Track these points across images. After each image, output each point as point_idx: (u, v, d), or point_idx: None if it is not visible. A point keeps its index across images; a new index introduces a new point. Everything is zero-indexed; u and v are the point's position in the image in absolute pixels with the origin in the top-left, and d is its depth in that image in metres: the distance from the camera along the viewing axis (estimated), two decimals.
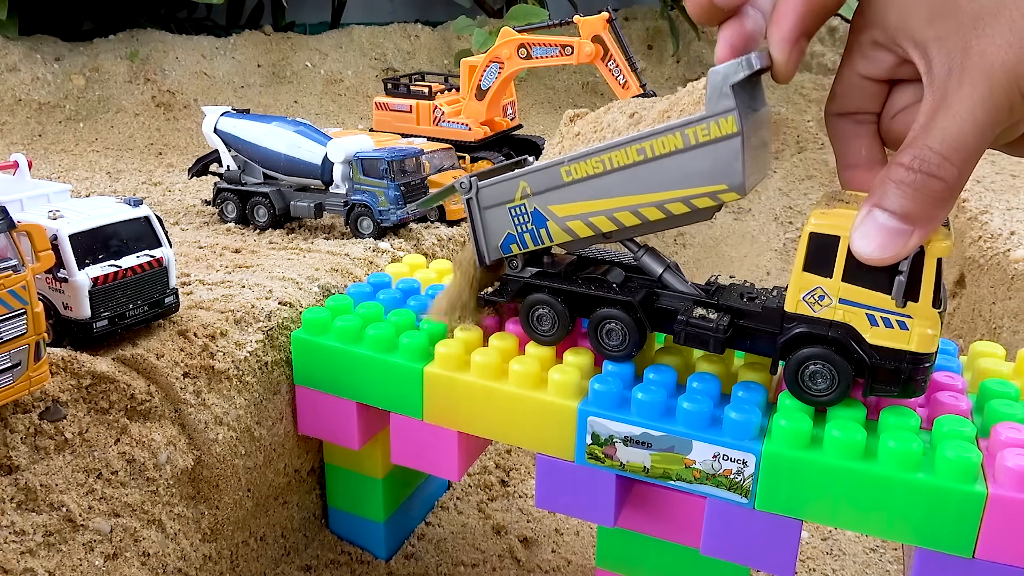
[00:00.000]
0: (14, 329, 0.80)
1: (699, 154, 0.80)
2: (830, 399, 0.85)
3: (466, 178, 0.95)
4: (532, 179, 0.91)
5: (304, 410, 1.14)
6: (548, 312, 0.96)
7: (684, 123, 0.80)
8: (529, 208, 0.93)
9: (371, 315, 1.10)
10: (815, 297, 0.83)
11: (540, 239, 0.93)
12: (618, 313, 0.92)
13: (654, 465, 0.90)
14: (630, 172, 0.85)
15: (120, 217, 0.97)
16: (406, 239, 1.47)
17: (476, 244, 0.97)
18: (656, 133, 0.82)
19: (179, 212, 1.65)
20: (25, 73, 2.46)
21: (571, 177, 0.89)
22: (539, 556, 1.28)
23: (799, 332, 0.84)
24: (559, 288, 0.95)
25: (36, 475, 0.85)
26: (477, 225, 0.96)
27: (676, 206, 0.84)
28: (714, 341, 0.87)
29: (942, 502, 0.78)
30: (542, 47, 1.71)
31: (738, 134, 0.78)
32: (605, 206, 0.88)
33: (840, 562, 1.28)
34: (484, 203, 0.95)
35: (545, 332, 0.98)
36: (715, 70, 0.76)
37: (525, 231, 0.94)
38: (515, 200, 0.93)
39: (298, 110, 2.80)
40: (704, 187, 0.82)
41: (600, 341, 0.94)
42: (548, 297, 0.96)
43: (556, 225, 0.92)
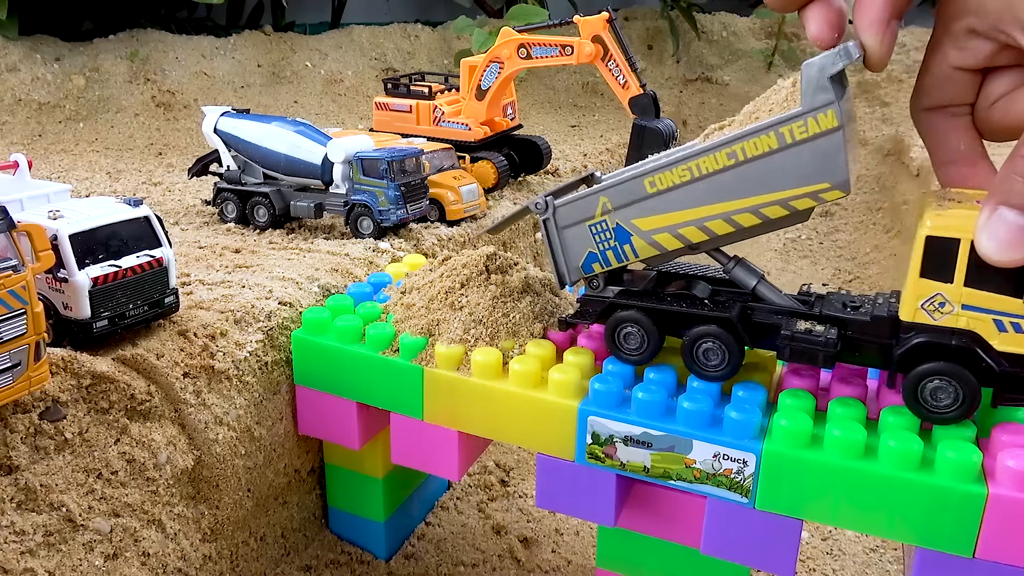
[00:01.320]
0: (14, 329, 0.80)
1: (797, 152, 0.77)
2: (953, 416, 0.79)
3: (541, 198, 0.91)
4: (613, 193, 0.88)
5: (304, 410, 1.14)
6: (636, 331, 0.92)
7: (778, 121, 0.77)
8: (611, 224, 0.89)
9: (371, 315, 1.10)
10: (935, 304, 0.77)
11: (624, 256, 0.90)
12: (715, 331, 0.87)
13: (654, 465, 0.90)
14: (721, 178, 0.81)
15: (120, 217, 0.97)
16: (406, 239, 1.47)
17: (555, 265, 0.94)
18: (748, 134, 0.79)
19: (179, 212, 1.65)
20: (25, 73, 2.46)
21: (655, 188, 0.85)
22: (539, 556, 1.28)
23: (919, 342, 0.78)
24: (650, 307, 0.91)
25: (36, 475, 0.85)
26: (555, 245, 0.93)
27: (774, 210, 0.81)
28: (824, 356, 0.82)
29: (942, 502, 0.78)
30: (542, 47, 1.71)
31: (839, 128, 0.75)
32: (695, 216, 0.84)
33: (840, 562, 1.28)
34: (562, 222, 0.92)
35: (634, 351, 0.93)
36: (810, 63, 0.73)
37: (608, 248, 0.90)
38: (595, 217, 0.89)
39: (298, 110, 2.80)
40: (805, 187, 0.78)
41: (697, 361, 0.89)
42: (636, 315, 0.91)
43: (641, 240, 0.88)
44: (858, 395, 0.90)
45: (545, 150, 1.96)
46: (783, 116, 0.77)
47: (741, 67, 3.34)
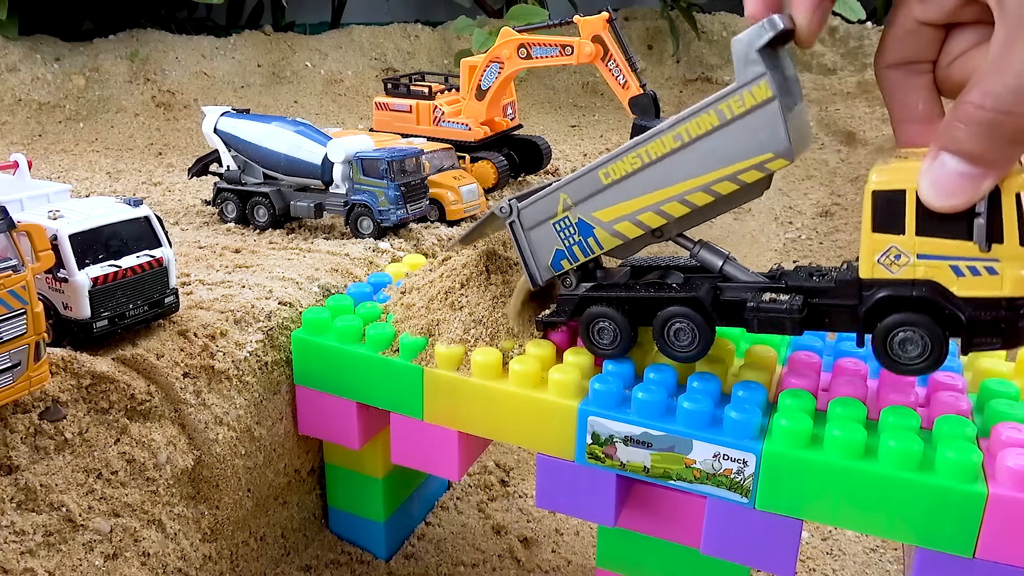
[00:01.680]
0: (14, 329, 0.80)
1: (738, 127, 0.79)
2: (924, 366, 0.79)
3: (505, 202, 0.93)
4: (571, 189, 0.89)
5: (304, 410, 1.14)
6: (608, 325, 0.93)
7: (716, 99, 0.79)
8: (573, 219, 0.91)
9: (371, 315, 1.10)
10: (891, 257, 0.78)
11: (590, 249, 0.91)
12: (684, 311, 0.88)
13: (654, 465, 0.90)
14: (670, 160, 0.83)
15: (120, 217, 0.97)
16: (406, 239, 1.47)
17: (526, 267, 0.95)
18: (689, 115, 0.80)
19: (179, 212, 1.65)
20: (25, 73, 2.46)
21: (610, 179, 0.87)
22: (539, 556, 1.28)
23: (881, 297, 0.79)
24: (618, 297, 0.92)
25: (36, 475, 0.85)
26: (524, 247, 0.94)
27: (724, 185, 0.82)
28: (790, 323, 0.83)
29: (942, 502, 0.78)
30: (542, 47, 1.71)
31: (773, 98, 0.76)
32: (651, 201, 0.86)
33: (840, 562, 1.28)
34: (527, 224, 0.93)
35: (607, 346, 0.94)
36: (738, 38, 0.74)
37: (573, 244, 0.92)
38: (558, 214, 0.91)
39: (298, 110, 2.80)
40: (750, 159, 0.80)
41: (668, 342, 0.90)
42: (606, 309, 0.92)
43: (604, 231, 0.90)
44: (858, 395, 0.90)
45: (545, 150, 1.96)
46: (720, 93, 0.78)
47: None
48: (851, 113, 3.04)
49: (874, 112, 3.02)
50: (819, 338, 1.05)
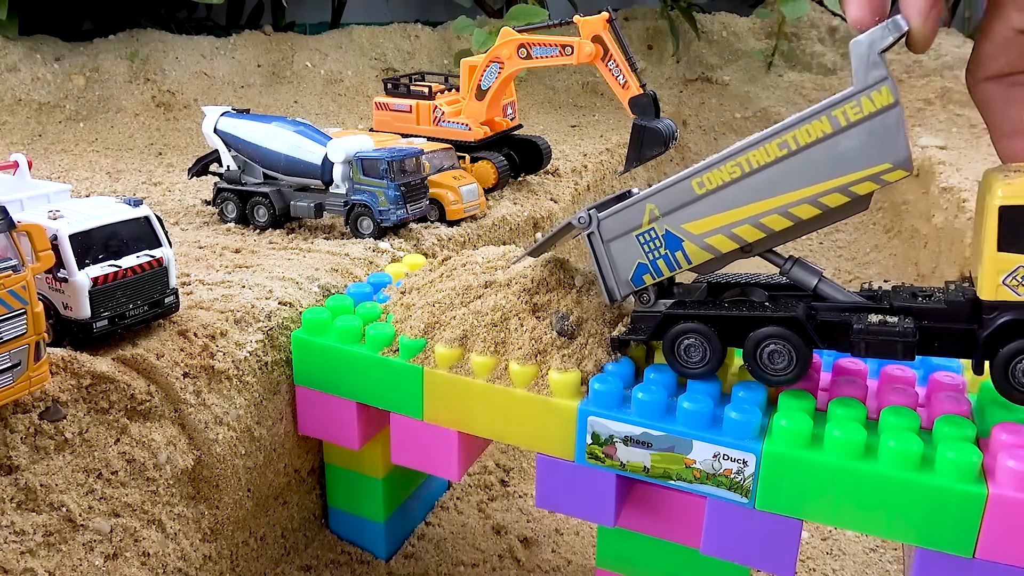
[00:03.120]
0: (14, 329, 0.80)
1: (853, 135, 0.74)
2: None
3: (584, 212, 0.87)
4: (659, 199, 0.84)
5: (304, 410, 1.14)
6: (698, 342, 0.87)
7: (830, 104, 0.74)
8: (660, 231, 0.85)
9: (371, 315, 1.10)
10: (1018, 279, 0.73)
11: (676, 263, 0.86)
12: (781, 331, 0.83)
13: (654, 465, 0.90)
14: (774, 170, 0.78)
15: (120, 217, 0.97)
16: (406, 239, 1.47)
17: (603, 281, 0.89)
18: (798, 122, 0.76)
19: (179, 212, 1.65)
20: (25, 73, 2.46)
21: (704, 188, 0.81)
22: (539, 556, 1.28)
23: (1007, 320, 0.74)
24: (708, 315, 0.86)
25: (36, 475, 0.85)
26: (602, 260, 0.88)
27: (833, 197, 0.77)
28: (904, 347, 0.78)
29: (942, 502, 0.78)
30: (542, 47, 1.71)
31: (896, 104, 0.72)
32: (749, 213, 0.81)
33: (840, 562, 1.28)
34: (607, 235, 0.87)
35: (696, 364, 0.89)
36: (858, 40, 0.71)
37: (658, 257, 0.86)
38: (643, 225, 0.85)
39: (298, 110, 2.80)
40: (865, 170, 0.75)
41: (761, 365, 0.85)
42: (696, 325, 0.86)
43: (694, 244, 0.84)
44: (858, 395, 0.90)
45: (545, 150, 1.96)
46: (835, 99, 0.74)
47: (741, 67, 3.34)
48: None
49: None
50: None
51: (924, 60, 3.10)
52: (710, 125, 3.19)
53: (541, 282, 1.03)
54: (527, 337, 0.97)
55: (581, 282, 1.03)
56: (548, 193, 1.97)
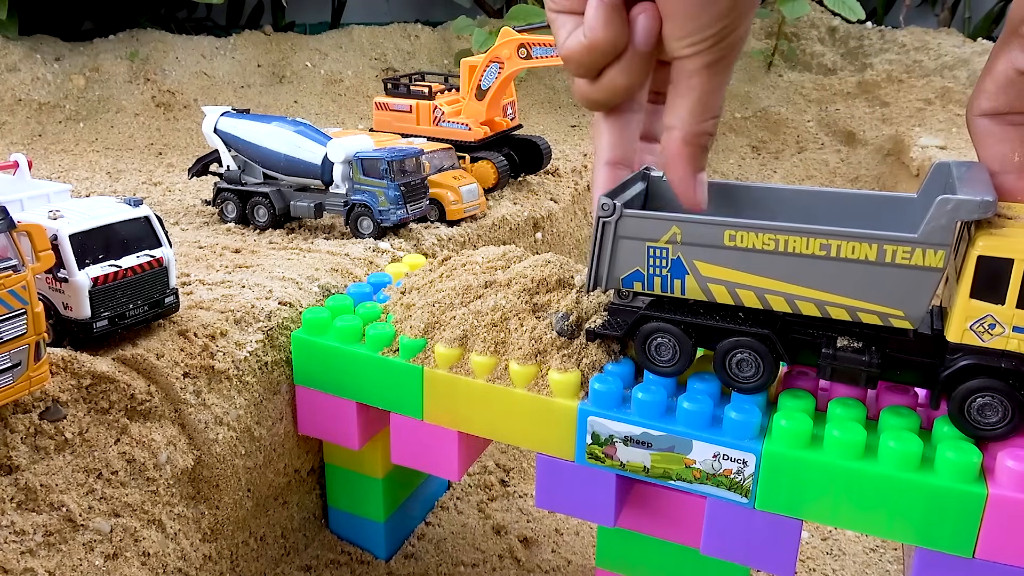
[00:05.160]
0: (14, 329, 0.80)
1: (890, 273, 0.76)
2: (1001, 432, 0.79)
3: (610, 201, 0.86)
4: (688, 228, 0.84)
5: (304, 410, 1.14)
6: (668, 341, 0.89)
7: (887, 238, 0.75)
8: (672, 254, 0.85)
9: (371, 315, 1.10)
10: (984, 326, 0.76)
11: (670, 288, 0.87)
12: (751, 343, 0.85)
13: (654, 465, 0.90)
14: (804, 262, 0.79)
15: (120, 217, 0.97)
16: (406, 239, 1.47)
17: (595, 267, 0.89)
18: (849, 235, 0.76)
19: (179, 212, 1.65)
20: (25, 73, 2.46)
21: (733, 243, 0.82)
22: (539, 556, 1.28)
23: (966, 364, 0.77)
24: (684, 321, 0.88)
25: (36, 475, 0.85)
26: (604, 249, 0.88)
27: (838, 312, 0.79)
28: (867, 376, 0.81)
29: (942, 502, 0.78)
30: (542, 47, 1.71)
31: (941, 271, 0.73)
32: (759, 283, 0.82)
33: (840, 562, 1.28)
34: (623, 232, 0.87)
35: (666, 363, 0.90)
36: (947, 198, 0.71)
37: (657, 275, 0.87)
38: (659, 241, 0.85)
39: (298, 110, 2.80)
40: (879, 306, 0.77)
41: (730, 373, 0.88)
42: (668, 325, 0.88)
43: (695, 282, 0.85)
44: (858, 395, 0.90)
45: (545, 150, 1.96)
46: (894, 235, 0.75)
47: (741, 67, 3.34)
48: (851, 113, 3.04)
49: (874, 112, 3.02)
50: None
51: (924, 60, 3.10)
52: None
53: (541, 282, 1.03)
54: (527, 337, 0.97)
55: (581, 282, 1.03)
56: (548, 193, 1.97)
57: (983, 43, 3.08)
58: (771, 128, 3.12)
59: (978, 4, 3.55)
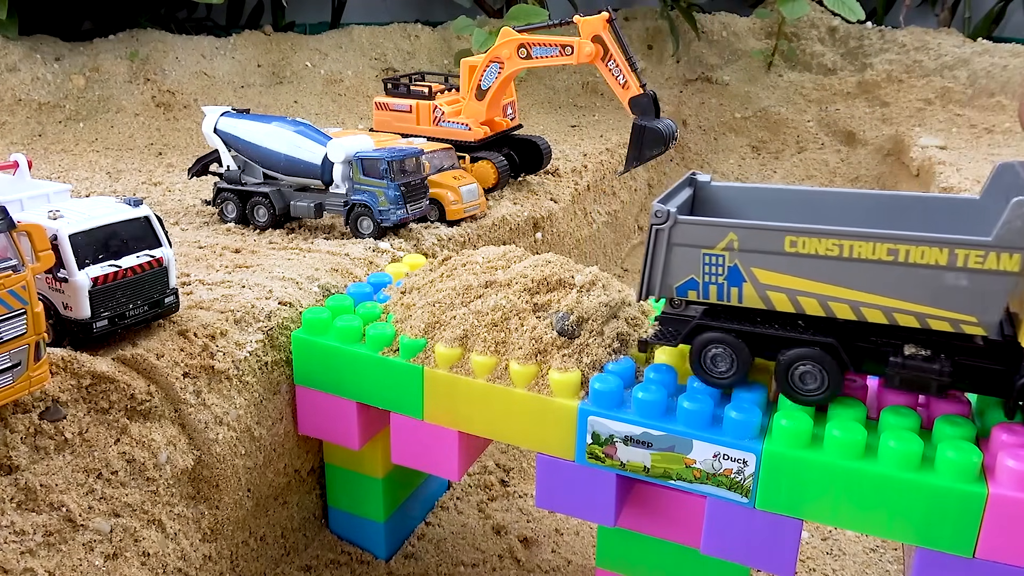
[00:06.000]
0: (14, 329, 0.80)
1: (962, 277, 0.73)
2: None
3: (664, 208, 0.84)
4: (745, 235, 0.81)
5: (304, 410, 1.14)
6: (725, 352, 0.86)
7: (958, 241, 0.73)
8: (728, 262, 0.83)
9: (371, 315, 1.10)
10: None
11: (727, 296, 0.84)
12: (814, 353, 0.82)
13: (654, 464, 0.90)
14: (870, 267, 0.77)
15: (120, 217, 0.97)
16: (406, 239, 1.47)
17: (648, 275, 0.87)
18: (920, 240, 0.74)
19: (179, 212, 1.65)
20: (25, 73, 2.46)
21: (795, 249, 0.80)
22: (539, 556, 1.28)
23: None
24: (742, 331, 0.85)
25: (36, 475, 0.85)
26: (657, 257, 0.86)
27: (906, 319, 0.77)
28: (938, 385, 0.78)
29: (942, 502, 0.78)
30: (542, 47, 1.71)
31: (1017, 275, 0.71)
32: (823, 291, 0.79)
33: (840, 562, 1.28)
34: (677, 239, 0.84)
35: (723, 374, 0.88)
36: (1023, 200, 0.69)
37: (713, 283, 0.84)
38: (715, 248, 0.83)
39: (298, 110, 2.79)
40: (951, 312, 0.75)
41: (792, 385, 0.85)
42: (726, 335, 0.85)
43: (753, 289, 0.83)
44: (858, 395, 0.90)
45: (545, 150, 1.96)
46: (966, 239, 0.73)
47: (741, 67, 3.34)
48: (851, 113, 3.04)
49: (874, 112, 3.02)
50: None
51: (924, 60, 3.10)
52: (710, 125, 3.19)
53: (541, 282, 1.04)
54: (527, 337, 0.97)
55: (581, 282, 1.03)
56: (548, 193, 1.97)
57: (983, 43, 3.08)
58: (771, 128, 3.12)
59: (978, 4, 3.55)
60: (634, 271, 2.44)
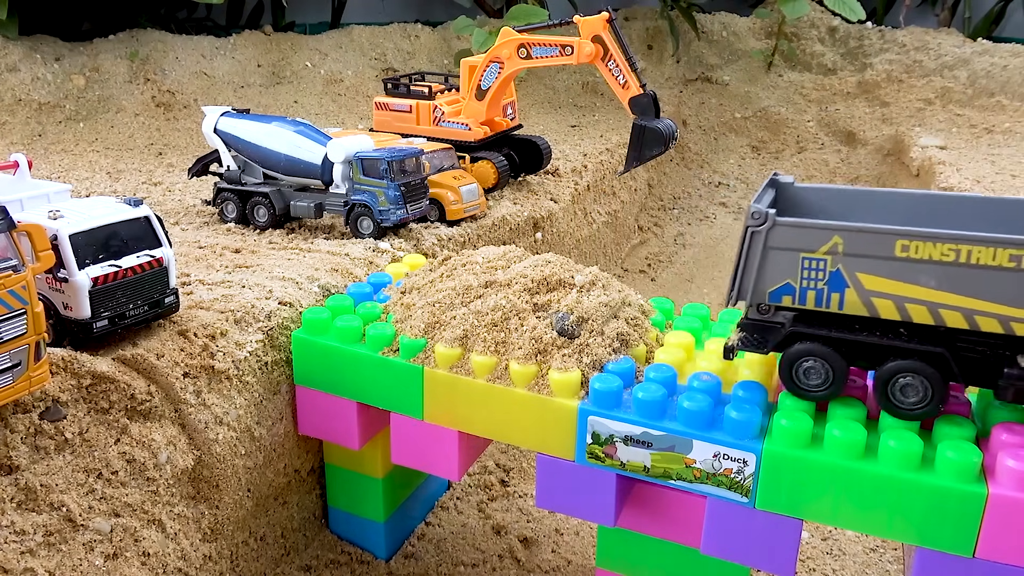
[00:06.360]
0: (14, 329, 0.80)
1: None
2: None
3: (762, 208, 0.80)
4: (852, 238, 0.77)
5: (304, 410, 1.14)
6: (820, 364, 0.82)
7: None
8: (831, 266, 0.79)
9: (371, 315, 1.10)
10: None
11: (827, 303, 0.80)
12: (919, 365, 0.77)
13: (654, 464, 0.90)
14: (989, 274, 0.73)
15: (120, 217, 0.97)
16: (406, 239, 1.47)
17: (738, 279, 0.83)
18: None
19: (179, 212, 1.65)
20: (25, 73, 2.46)
21: (906, 254, 0.75)
22: (539, 556, 1.28)
23: None
24: (841, 339, 0.80)
25: (36, 475, 0.85)
26: (751, 261, 0.81)
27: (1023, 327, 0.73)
28: None
29: (942, 502, 0.78)
30: (542, 47, 1.71)
31: None
32: (932, 297, 0.75)
33: (840, 562, 1.28)
34: (774, 242, 0.80)
35: (817, 387, 0.83)
36: None
37: (812, 288, 0.80)
38: (816, 252, 0.79)
39: (298, 110, 2.79)
40: None
41: (892, 399, 0.80)
42: (820, 347, 0.81)
43: (857, 296, 0.78)
44: (858, 395, 0.90)
45: (545, 150, 1.96)
46: None
47: (741, 67, 3.34)
48: (851, 113, 3.04)
49: (874, 112, 3.02)
50: None
51: (924, 60, 3.10)
52: (710, 125, 3.19)
53: (541, 282, 1.04)
54: (527, 337, 0.97)
55: (581, 282, 1.03)
56: (548, 193, 1.97)
57: (983, 43, 3.08)
58: (771, 128, 3.12)
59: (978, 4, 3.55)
60: (634, 271, 2.44)
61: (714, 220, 2.76)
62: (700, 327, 1.08)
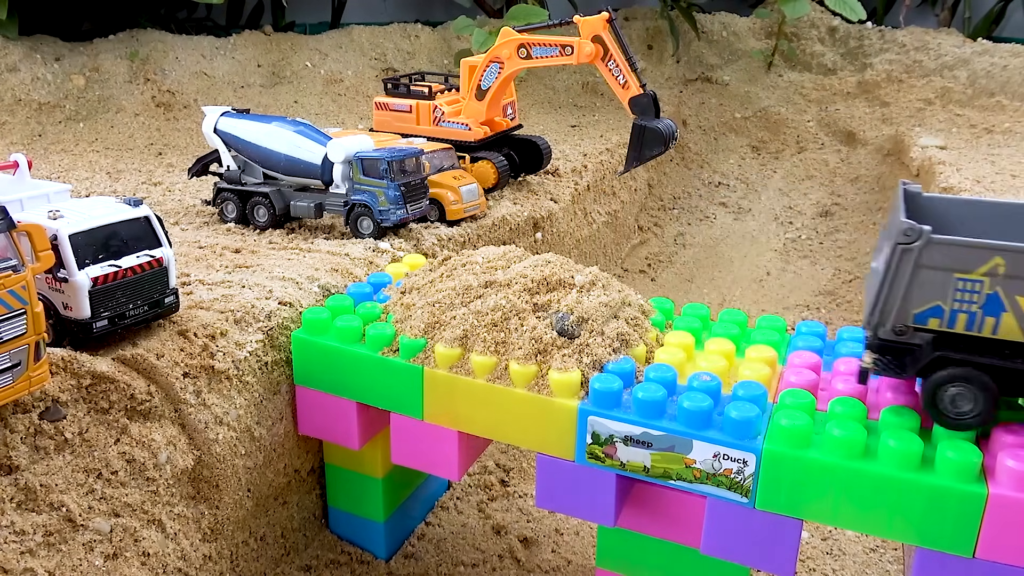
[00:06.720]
0: (14, 329, 0.80)
1: None
2: None
3: (917, 227, 0.75)
4: (1016, 259, 0.72)
5: (304, 410, 1.14)
6: (969, 392, 0.77)
7: None
8: (988, 288, 0.73)
9: (371, 315, 1.10)
10: None
11: (979, 327, 0.75)
12: None
13: (654, 464, 0.90)
14: None
15: (120, 217, 0.97)
16: (406, 239, 1.47)
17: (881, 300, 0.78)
18: None
19: (179, 212, 1.64)
20: (25, 73, 2.46)
21: None
22: (539, 556, 1.28)
23: None
24: (992, 366, 0.75)
25: (36, 475, 0.85)
26: (898, 280, 0.76)
27: None
28: None
29: (942, 502, 0.78)
30: (542, 47, 1.71)
31: None
32: None
33: (840, 562, 1.28)
34: (927, 261, 0.75)
35: (966, 415, 0.78)
36: None
37: (963, 311, 0.75)
38: (973, 273, 0.74)
39: (298, 110, 2.79)
40: None
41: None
42: (973, 372, 0.76)
43: (1015, 320, 0.73)
44: (858, 395, 0.90)
45: (545, 150, 1.96)
46: None
47: (741, 67, 3.34)
48: (851, 113, 3.04)
49: (874, 112, 3.01)
50: (819, 338, 1.05)
51: (924, 60, 3.10)
52: (710, 125, 3.19)
53: (541, 282, 1.04)
54: (527, 337, 0.97)
55: (581, 282, 1.03)
56: (548, 193, 1.97)
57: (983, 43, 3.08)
58: (771, 128, 3.12)
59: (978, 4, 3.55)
60: (634, 271, 2.44)
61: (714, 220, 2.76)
62: (700, 327, 1.08)
